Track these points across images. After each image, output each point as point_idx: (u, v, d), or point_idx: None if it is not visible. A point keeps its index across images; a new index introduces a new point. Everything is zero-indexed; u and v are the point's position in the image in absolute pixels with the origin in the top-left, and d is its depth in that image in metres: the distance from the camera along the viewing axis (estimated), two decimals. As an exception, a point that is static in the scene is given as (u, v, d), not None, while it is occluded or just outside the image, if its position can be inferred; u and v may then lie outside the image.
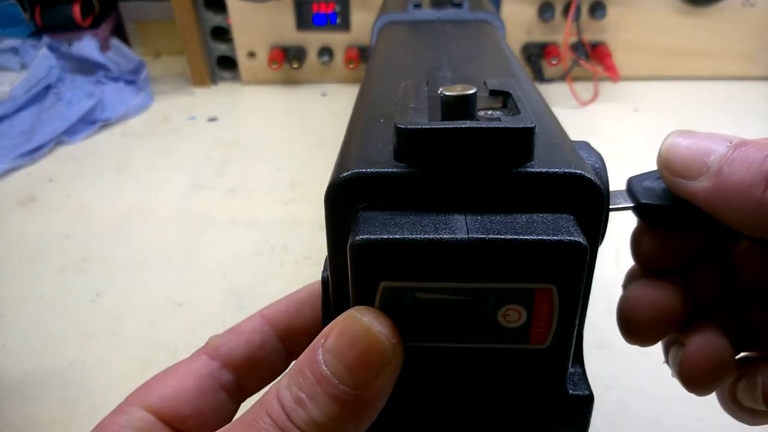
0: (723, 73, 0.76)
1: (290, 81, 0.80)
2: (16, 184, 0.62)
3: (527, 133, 0.16)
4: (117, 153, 0.67)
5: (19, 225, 0.55)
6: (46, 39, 0.79)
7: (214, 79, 0.82)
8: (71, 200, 0.59)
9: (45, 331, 0.43)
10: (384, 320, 0.16)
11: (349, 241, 0.16)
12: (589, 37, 0.73)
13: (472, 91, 0.17)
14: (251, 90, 0.80)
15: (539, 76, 0.75)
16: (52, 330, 0.43)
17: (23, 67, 0.75)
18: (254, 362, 0.23)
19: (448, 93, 0.17)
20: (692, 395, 0.22)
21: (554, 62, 0.73)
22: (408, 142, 0.16)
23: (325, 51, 0.77)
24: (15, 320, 0.44)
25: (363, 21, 0.74)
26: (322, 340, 0.16)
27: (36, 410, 0.37)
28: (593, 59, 0.74)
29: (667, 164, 0.19)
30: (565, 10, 0.72)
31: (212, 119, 0.73)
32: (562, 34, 0.72)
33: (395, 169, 0.16)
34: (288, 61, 0.76)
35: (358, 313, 0.16)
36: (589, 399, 0.19)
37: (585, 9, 0.72)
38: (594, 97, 0.72)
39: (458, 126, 0.16)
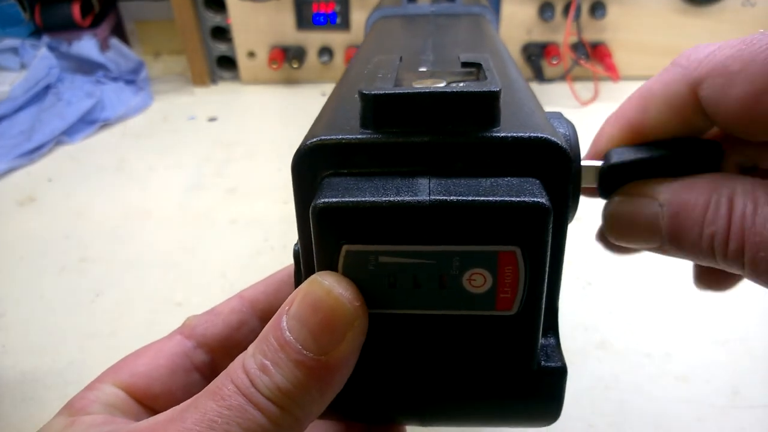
0: (723, 72, 0.75)
1: (290, 81, 0.80)
2: (15, 184, 0.62)
3: (491, 97, 0.16)
4: (116, 153, 0.67)
5: (18, 225, 0.55)
6: (45, 39, 0.79)
7: (213, 79, 0.82)
8: (71, 200, 0.59)
9: (45, 331, 0.43)
10: (346, 283, 0.16)
11: (311, 205, 0.15)
12: (589, 36, 0.73)
13: (440, 85, 0.17)
14: (251, 90, 0.80)
15: (539, 76, 0.75)
16: (52, 330, 0.43)
17: (23, 66, 0.75)
18: (231, 343, 0.23)
19: (417, 86, 0.17)
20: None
21: (554, 62, 0.73)
22: (372, 107, 0.16)
23: (325, 51, 0.77)
24: (15, 320, 0.44)
25: (363, 21, 0.74)
26: (287, 308, 0.16)
27: (36, 410, 0.37)
28: (593, 59, 0.74)
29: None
30: (566, 10, 0.72)
31: (212, 119, 0.73)
32: (563, 34, 0.72)
33: (360, 136, 0.16)
34: (288, 61, 0.76)
35: (320, 277, 0.16)
36: (561, 371, 0.18)
37: (585, 9, 0.72)
38: (594, 97, 0.72)
39: (422, 90, 0.16)
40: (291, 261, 0.24)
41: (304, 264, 0.18)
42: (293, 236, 0.19)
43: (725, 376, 0.37)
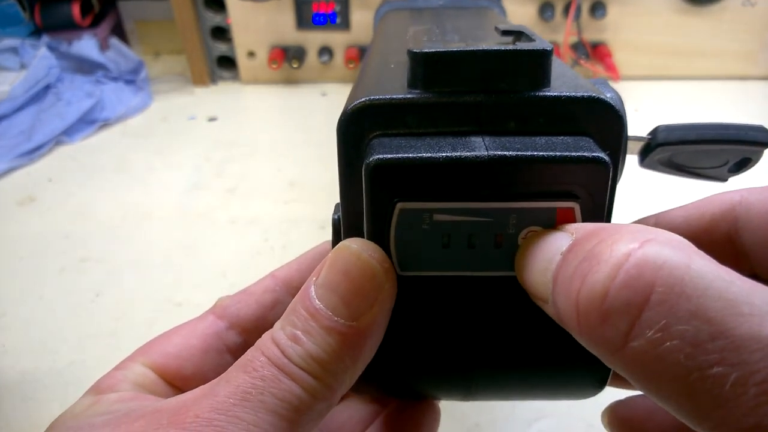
0: (724, 72, 0.75)
1: (290, 81, 0.80)
2: (15, 184, 0.62)
3: (543, 55, 0.16)
4: (116, 153, 0.67)
5: (18, 225, 0.55)
6: (45, 38, 0.79)
7: (213, 79, 0.82)
8: (70, 200, 0.59)
9: (45, 331, 0.43)
10: (374, 247, 0.16)
11: (364, 163, 0.15)
12: (589, 36, 0.73)
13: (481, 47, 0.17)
14: (251, 90, 0.80)
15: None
16: (52, 330, 0.43)
17: (22, 66, 0.75)
18: (264, 323, 0.22)
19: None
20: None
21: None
22: (423, 66, 0.16)
23: (325, 51, 0.77)
24: (14, 320, 0.44)
25: (363, 21, 0.74)
26: (314, 278, 0.16)
27: (36, 410, 0.37)
28: (593, 59, 0.74)
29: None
30: (566, 10, 0.72)
31: (212, 119, 0.73)
32: (563, 34, 0.72)
33: (409, 95, 0.16)
34: (288, 61, 0.76)
35: (348, 243, 0.16)
36: None
37: (585, 8, 0.72)
38: (594, 97, 0.72)
39: (474, 49, 0.15)
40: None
41: (348, 230, 0.17)
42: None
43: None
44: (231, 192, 0.59)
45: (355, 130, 0.16)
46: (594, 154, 0.15)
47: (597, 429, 0.34)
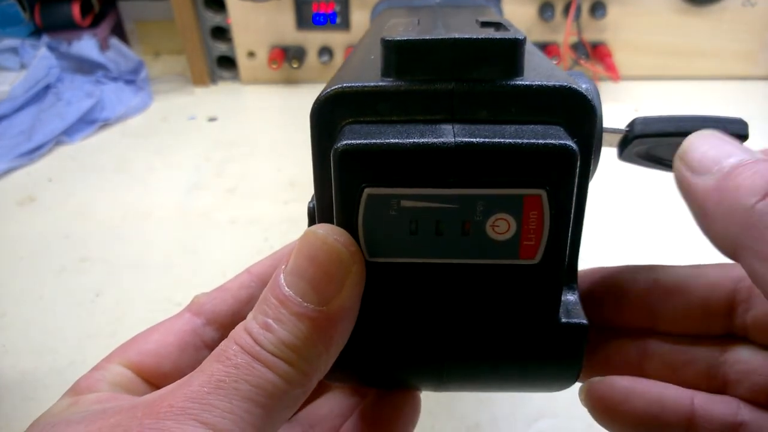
0: (724, 72, 0.75)
1: (290, 81, 0.80)
2: (15, 184, 0.62)
3: (515, 44, 0.16)
4: (116, 153, 0.67)
5: (18, 225, 0.55)
6: (45, 38, 0.79)
7: (213, 79, 0.82)
8: (71, 200, 0.59)
9: (45, 331, 0.43)
10: (339, 231, 0.16)
11: (333, 148, 0.15)
12: (589, 36, 0.73)
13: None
14: (251, 90, 0.80)
15: (539, 76, 0.75)
16: (52, 330, 0.43)
17: (23, 66, 0.75)
18: (241, 318, 0.22)
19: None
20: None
21: (555, 62, 0.73)
22: (395, 54, 0.16)
23: (325, 51, 0.77)
24: (15, 320, 0.44)
25: (363, 21, 0.74)
26: (283, 266, 0.16)
27: (35, 410, 0.37)
28: (593, 59, 0.74)
29: (683, 155, 0.18)
30: (566, 10, 0.72)
31: (212, 119, 0.73)
32: (563, 34, 0.72)
33: (382, 83, 0.16)
34: (288, 61, 0.76)
35: (314, 228, 0.16)
36: (583, 328, 0.18)
37: (585, 8, 0.72)
38: (594, 97, 0.72)
39: (446, 37, 0.16)
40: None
41: (321, 217, 0.18)
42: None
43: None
44: (231, 192, 0.59)
45: (328, 117, 0.16)
46: (561, 141, 0.15)
47: (597, 430, 0.34)
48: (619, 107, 0.71)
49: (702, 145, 0.17)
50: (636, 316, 0.22)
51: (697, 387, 0.20)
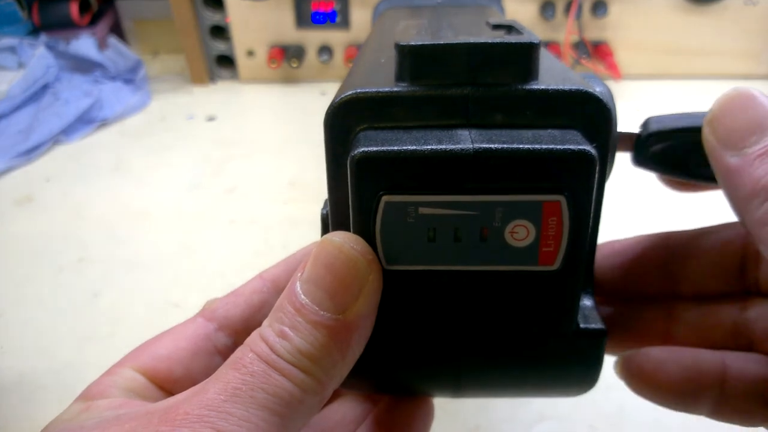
0: (726, 71, 0.75)
1: (289, 80, 0.80)
2: (13, 184, 0.61)
3: (531, 48, 0.15)
4: (115, 152, 0.67)
5: (16, 225, 0.55)
6: (43, 37, 0.78)
7: (212, 78, 0.82)
8: (68, 200, 0.58)
9: (42, 332, 0.43)
10: (356, 239, 0.16)
11: (349, 156, 0.15)
12: (590, 35, 0.73)
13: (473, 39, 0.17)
14: (250, 89, 0.80)
15: (540, 75, 0.74)
16: (50, 331, 0.43)
17: (21, 65, 0.75)
18: (254, 324, 0.22)
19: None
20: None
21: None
22: (410, 59, 0.16)
23: (325, 50, 0.76)
24: (12, 321, 0.44)
25: (363, 19, 0.74)
26: (299, 273, 0.16)
27: (33, 412, 0.37)
28: (595, 58, 0.73)
29: (712, 120, 0.17)
30: (567, 9, 0.71)
31: (211, 118, 0.73)
32: (564, 33, 0.72)
33: (397, 89, 0.16)
34: (287, 60, 0.76)
35: (330, 236, 0.16)
36: (601, 333, 0.18)
37: (587, 7, 0.71)
38: (595, 96, 0.71)
39: (461, 42, 0.15)
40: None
41: (335, 224, 0.17)
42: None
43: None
44: (230, 192, 0.58)
45: (342, 123, 0.16)
46: (580, 147, 0.15)
47: (598, 430, 0.34)
48: (620, 106, 0.71)
49: (732, 110, 0.16)
50: (658, 282, 0.22)
51: (724, 347, 0.20)
